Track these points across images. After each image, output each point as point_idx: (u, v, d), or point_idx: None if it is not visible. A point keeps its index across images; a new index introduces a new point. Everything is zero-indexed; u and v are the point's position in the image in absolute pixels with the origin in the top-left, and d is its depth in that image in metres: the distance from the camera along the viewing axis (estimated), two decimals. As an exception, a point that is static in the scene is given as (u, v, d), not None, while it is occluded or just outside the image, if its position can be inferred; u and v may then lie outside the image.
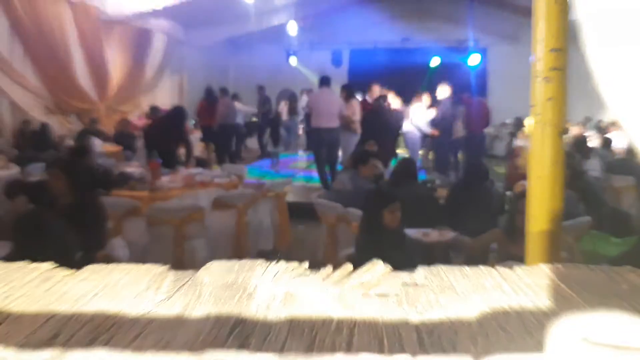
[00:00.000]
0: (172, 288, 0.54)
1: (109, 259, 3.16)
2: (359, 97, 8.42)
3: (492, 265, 0.60)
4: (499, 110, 12.99)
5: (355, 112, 7.50)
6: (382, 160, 5.45)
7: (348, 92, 7.65)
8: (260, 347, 0.41)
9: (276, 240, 5.03)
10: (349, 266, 0.55)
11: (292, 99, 12.15)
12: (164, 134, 5.87)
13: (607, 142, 7.08)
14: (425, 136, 8.96)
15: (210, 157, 7.84)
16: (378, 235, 3.01)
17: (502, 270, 0.59)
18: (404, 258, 2.88)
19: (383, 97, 8.13)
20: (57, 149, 6.23)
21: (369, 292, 0.52)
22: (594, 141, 7.29)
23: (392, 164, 6.46)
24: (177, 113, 6.24)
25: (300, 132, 11.62)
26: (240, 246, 4.35)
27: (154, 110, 8.72)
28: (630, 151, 5.77)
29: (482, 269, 0.59)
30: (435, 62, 14.49)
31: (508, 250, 3.04)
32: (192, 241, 4.02)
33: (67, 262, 0.61)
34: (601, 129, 9.04)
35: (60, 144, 6.55)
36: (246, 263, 0.61)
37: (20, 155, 5.75)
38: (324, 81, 7.31)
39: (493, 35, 13.94)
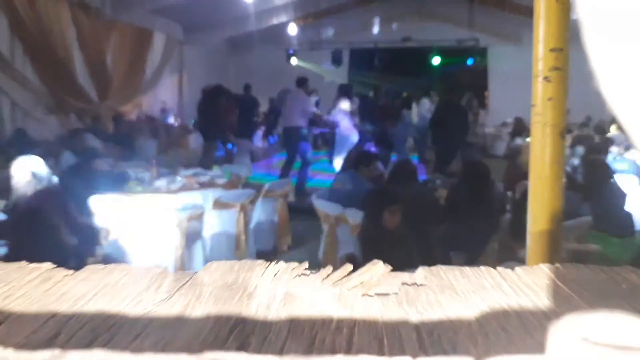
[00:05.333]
0: (172, 288, 0.54)
1: (108, 259, 3.17)
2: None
3: (493, 266, 0.60)
4: (499, 110, 13.00)
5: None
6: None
7: (341, 91, 7.91)
8: (260, 347, 0.40)
9: (276, 240, 5.03)
10: (349, 266, 0.55)
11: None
12: (205, 111, 7.17)
13: (607, 142, 7.08)
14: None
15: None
16: (378, 235, 3.01)
17: (502, 270, 0.58)
18: (404, 258, 2.89)
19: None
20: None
21: (369, 292, 0.52)
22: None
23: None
24: (216, 90, 7.51)
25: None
26: (240, 246, 4.35)
27: (118, 117, 8.78)
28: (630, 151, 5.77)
29: (482, 269, 0.59)
30: (435, 62, 14.50)
31: (510, 250, 3.04)
32: (192, 241, 4.03)
33: (63, 261, 0.61)
34: (601, 129, 9.04)
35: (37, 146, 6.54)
36: (246, 263, 0.60)
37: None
38: (298, 82, 7.60)
39: (493, 35, 13.93)
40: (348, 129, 7.64)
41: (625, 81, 0.23)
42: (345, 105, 7.65)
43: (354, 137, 7.69)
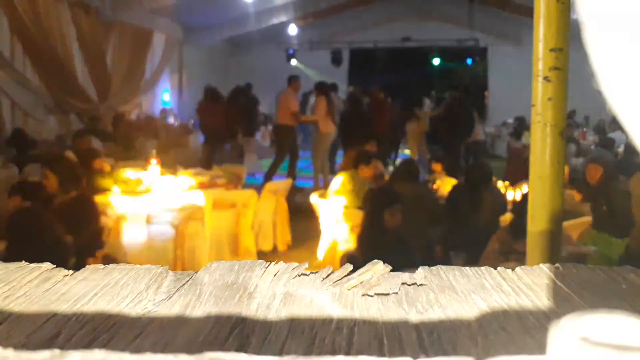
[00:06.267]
0: (172, 288, 0.54)
1: (108, 259, 3.17)
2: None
3: (493, 266, 0.60)
4: (499, 110, 13.01)
5: (317, 109, 7.74)
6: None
7: (316, 89, 8.04)
8: (260, 347, 0.41)
9: (276, 241, 5.03)
10: (349, 266, 0.55)
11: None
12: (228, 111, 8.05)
13: (608, 142, 7.08)
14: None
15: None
16: (378, 235, 3.02)
17: (502, 270, 0.58)
18: (404, 258, 2.89)
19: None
20: (37, 149, 6.27)
21: (369, 292, 0.52)
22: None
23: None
24: (238, 91, 8.49)
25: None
26: (240, 246, 4.36)
27: (118, 117, 8.80)
28: (630, 151, 5.77)
29: (482, 269, 0.59)
30: (435, 62, 14.50)
31: (512, 250, 3.04)
32: (192, 241, 4.03)
33: (63, 260, 0.61)
34: (601, 129, 9.04)
35: (35, 145, 6.55)
36: (246, 263, 0.60)
37: (20, 156, 5.76)
38: (288, 80, 7.86)
39: (493, 35, 13.93)
40: (325, 127, 7.64)
41: (628, 80, 0.23)
42: (322, 103, 7.63)
43: (332, 136, 7.71)
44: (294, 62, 14.33)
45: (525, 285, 0.54)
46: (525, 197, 3.38)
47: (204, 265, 0.60)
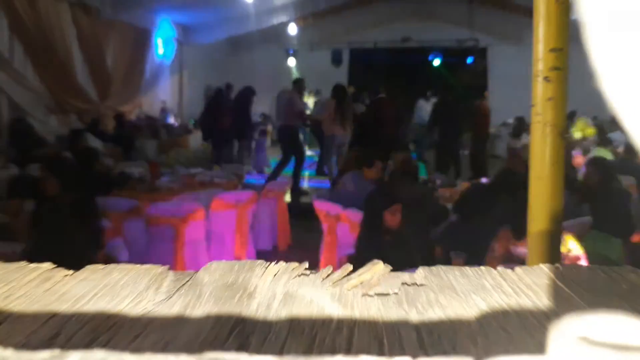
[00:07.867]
0: (172, 288, 0.54)
1: (108, 259, 3.17)
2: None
3: (493, 266, 0.60)
4: (499, 110, 12.99)
5: (324, 111, 7.85)
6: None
7: (333, 93, 8.05)
8: (260, 347, 0.40)
9: (276, 240, 5.03)
10: (349, 266, 0.55)
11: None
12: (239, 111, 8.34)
13: (608, 142, 7.08)
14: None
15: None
16: (379, 235, 3.02)
17: (502, 270, 0.59)
18: (404, 258, 2.88)
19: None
20: (41, 146, 6.27)
21: (369, 292, 0.52)
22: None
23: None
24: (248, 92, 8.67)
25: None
26: (240, 246, 4.35)
27: (119, 117, 8.82)
28: (630, 151, 5.76)
29: (482, 269, 0.59)
30: (435, 62, 14.50)
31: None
32: (192, 241, 4.03)
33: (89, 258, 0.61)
34: (602, 129, 9.04)
35: (41, 141, 6.54)
36: (246, 263, 0.60)
37: (20, 156, 5.75)
38: (293, 82, 8.07)
39: (493, 35, 13.92)
40: (329, 129, 7.65)
41: (628, 80, 0.23)
42: (330, 105, 7.65)
43: (338, 138, 7.72)
44: (293, 62, 14.33)
45: (526, 285, 0.54)
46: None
47: (203, 265, 0.60)
